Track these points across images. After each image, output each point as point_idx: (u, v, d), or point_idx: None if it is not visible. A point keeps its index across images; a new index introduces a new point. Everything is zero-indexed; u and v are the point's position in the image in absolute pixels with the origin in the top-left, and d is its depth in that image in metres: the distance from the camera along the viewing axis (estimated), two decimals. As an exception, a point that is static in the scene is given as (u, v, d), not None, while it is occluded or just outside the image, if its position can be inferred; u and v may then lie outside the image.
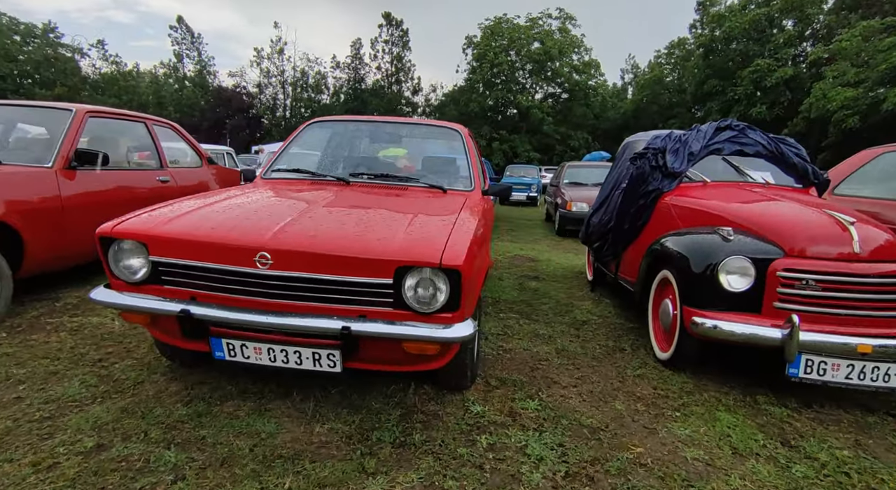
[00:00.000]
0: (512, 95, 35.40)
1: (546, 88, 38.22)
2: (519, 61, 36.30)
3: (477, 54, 35.83)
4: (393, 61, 40.14)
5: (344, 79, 40.33)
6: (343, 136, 3.42)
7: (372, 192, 2.63)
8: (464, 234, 1.94)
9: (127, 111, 4.13)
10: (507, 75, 35.50)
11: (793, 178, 3.47)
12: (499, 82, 35.73)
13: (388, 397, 2.20)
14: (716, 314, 2.37)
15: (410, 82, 41.31)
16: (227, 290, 1.79)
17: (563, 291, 4.44)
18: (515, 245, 7.29)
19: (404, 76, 41.07)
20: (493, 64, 34.76)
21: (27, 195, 2.85)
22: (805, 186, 3.45)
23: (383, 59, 40.09)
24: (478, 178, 2.98)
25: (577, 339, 3.19)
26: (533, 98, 36.53)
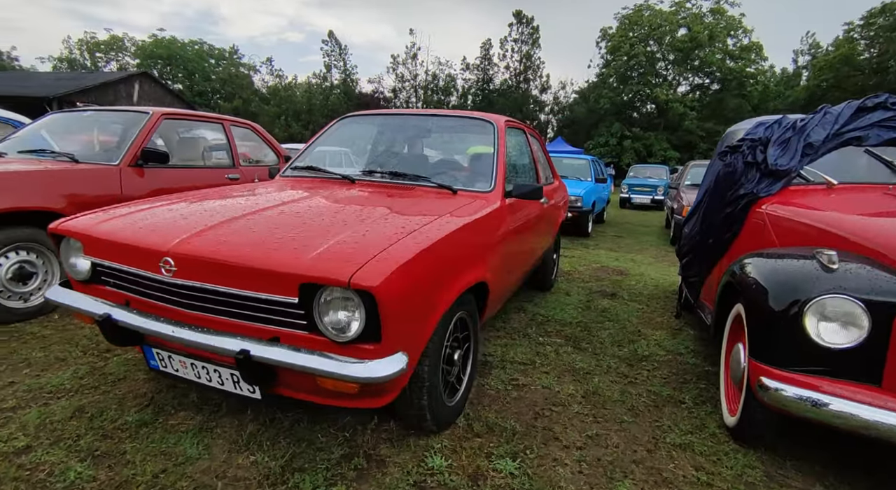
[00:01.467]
0: (649, 89, 32.38)
1: (692, 79, 34.29)
2: (660, 51, 33.06)
3: (611, 47, 33.46)
4: (522, 60, 39.50)
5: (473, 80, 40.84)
6: (372, 131, 3.20)
7: (365, 193, 2.34)
8: (409, 247, 1.55)
9: (205, 113, 4.43)
10: (644, 67, 32.58)
11: None
12: (635, 76, 32.96)
13: (338, 431, 1.90)
14: (797, 378, 1.63)
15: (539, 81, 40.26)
16: (146, 296, 1.66)
17: (637, 315, 3.69)
18: (612, 254, 6.44)
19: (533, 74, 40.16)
20: (630, 56, 32.15)
21: (87, 190, 3.13)
22: None
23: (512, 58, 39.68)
24: (500, 178, 2.51)
25: (622, 379, 2.54)
26: (674, 91, 33.00)
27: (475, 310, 2.14)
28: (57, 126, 3.98)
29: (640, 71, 32.63)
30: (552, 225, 3.79)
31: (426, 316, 1.62)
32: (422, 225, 1.77)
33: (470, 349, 2.16)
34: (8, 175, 2.82)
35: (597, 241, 7.71)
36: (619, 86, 33.28)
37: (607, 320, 3.52)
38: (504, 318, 3.43)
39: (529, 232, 3.03)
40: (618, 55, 32.82)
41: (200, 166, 4.17)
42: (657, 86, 32.33)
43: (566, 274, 5.03)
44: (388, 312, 1.40)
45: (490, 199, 2.40)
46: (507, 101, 37.26)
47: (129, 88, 24.74)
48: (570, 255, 6.15)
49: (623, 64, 32.59)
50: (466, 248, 1.93)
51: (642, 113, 34.27)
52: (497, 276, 2.32)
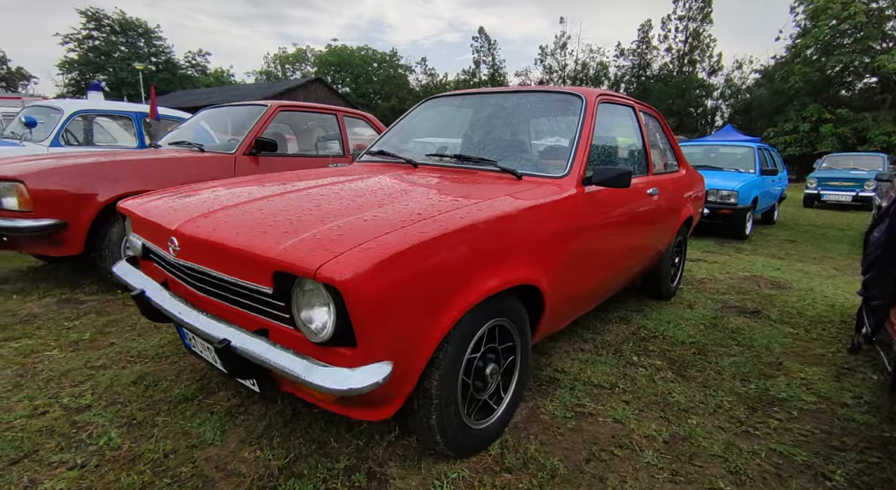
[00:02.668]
0: (868, 58, 25.95)
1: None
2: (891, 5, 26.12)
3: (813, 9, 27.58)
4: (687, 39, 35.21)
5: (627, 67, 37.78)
6: (452, 112, 2.95)
7: (415, 178, 2.12)
8: (406, 237, 1.29)
9: (319, 105, 4.66)
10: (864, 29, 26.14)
11: None
12: (846, 43, 26.75)
13: (353, 438, 1.73)
14: None
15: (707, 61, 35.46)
16: (169, 274, 1.68)
17: (784, 342, 2.84)
18: (773, 262, 5.23)
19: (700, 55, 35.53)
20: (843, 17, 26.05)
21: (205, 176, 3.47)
22: None
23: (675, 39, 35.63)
24: (579, 162, 2.08)
25: (734, 426, 1.91)
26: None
27: (524, 319, 1.79)
28: (211, 120, 4.55)
29: (858, 35, 26.27)
30: (670, 221, 3.12)
31: (429, 319, 1.34)
32: (443, 212, 1.49)
33: (516, 364, 1.81)
34: (131, 163, 3.25)
35: (756, 245, 6.37)
36: (821, 58, 27.38)
37: (735, 344, 2.77)
38: (598, 327, 2.93)
39: (629, 229, 2.50)
40: (822, 19, 26.91)
41: (312, 155, 4.41)
42: (884, 52, 25.70)
43: (698, 282, 4.18)
44: (361, 313, 1.17)
45: (562, 185, 2.00)
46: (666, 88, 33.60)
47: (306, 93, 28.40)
48: (710, 261, 5.15)
49: (829, 29, 26.64)
50: (505, 241, 1.59)
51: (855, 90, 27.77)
52: (560, 280, 1.91)
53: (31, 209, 2.77)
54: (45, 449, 1.60)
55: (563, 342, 2.67)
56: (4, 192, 2.81)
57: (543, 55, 39.97)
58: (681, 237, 3.50)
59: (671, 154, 3.39)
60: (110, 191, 3.02)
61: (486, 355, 1.67)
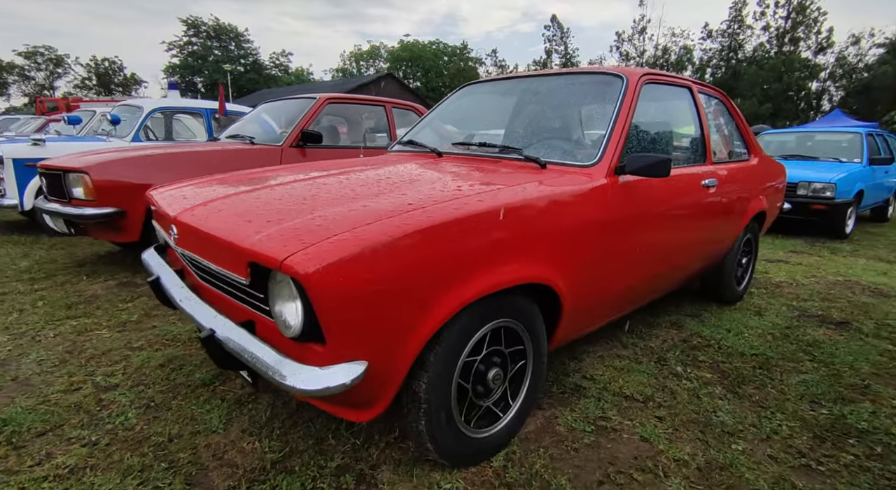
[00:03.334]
0: None
1: None
2: None
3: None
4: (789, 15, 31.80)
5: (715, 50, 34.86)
6: (486, 98, 2.78)
7: (433, 167, 2.00)
8: (386, 228, 1.20)
9: (367, 96, 4.67)
10: None
11: None
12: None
13: (351, 436, 1.67)
14: None
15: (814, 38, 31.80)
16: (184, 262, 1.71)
17: (876, 360, 2.41)
18: (876, 266, 4.52)
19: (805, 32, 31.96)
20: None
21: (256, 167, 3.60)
22: None
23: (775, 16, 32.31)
24: (613, 149, 1.86)
25: (793, 458, 1.63)
26: None
27: (536, 321, 1.63)
28: (271, 113, 4.71)
29: None
30: (734, 216, 2.76)
31: (413, 317, 1.24)
32: (440, 202, 1.37)
33: (527, 370, 1.66)
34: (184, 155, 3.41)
35: (858, 245, 5.57)
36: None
37: (809, 360, 2.39)
38: (642, 332, 2.66)
39: (676, 223, 2.23)
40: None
41: (360, 146, 4.43)
42: None
43: (773, 285, 3.70)
44: (328, 308, 1.09)
45: (591, 174, 1.80)
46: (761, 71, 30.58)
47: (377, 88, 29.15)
48: (794, 262, 4.56)
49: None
50: (511, 236, 1.44)
51: None
52: (584, 279, 1.72)
53: (94, 198, 3.01)
54: (69, 424, 1.70)
55: (598, 345, 2.45)
56: (74, 182, 3.07)
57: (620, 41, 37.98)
58: (750, 234, 3.10)
59: (740, 141, 3.00)
60: (163, 181, 3.20)
61: (491, 358, 1.53)
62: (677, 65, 35.04)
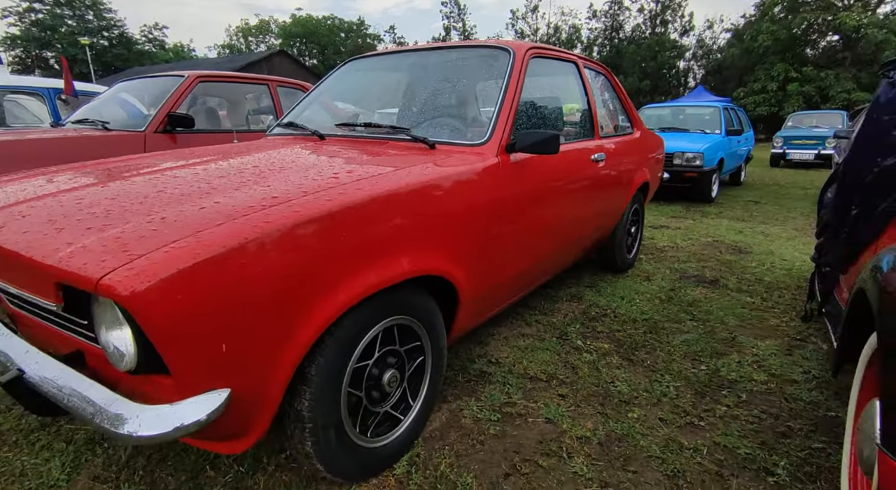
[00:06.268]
0: (831, 15, 25.90)
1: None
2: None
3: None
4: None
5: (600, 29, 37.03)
6: (373, 74, 2.60)
7: (320, 151, 1.80)
8: (242, 229, 1.00)
9: (246, 74, 4.23)
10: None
11: None
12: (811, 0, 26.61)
13: (234, 464, 1.47)
14: None
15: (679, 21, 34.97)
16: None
17: (740, 313, 2.67)
18: (737, 225, 5.08)
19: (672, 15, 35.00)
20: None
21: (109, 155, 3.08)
22: None
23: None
24: (502, 127, 1.78)
25: (678, 418, 1.72)
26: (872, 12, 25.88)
27: (434, 315, 1.53)
28: (134, 93, 4.05)
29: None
30: (622, 189, 2.87)
31: (282, 329, 1.06)
32: (310, 193, 1.19)
33: (426, 366, 1.56)
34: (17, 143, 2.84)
35: (722, 208, 6.24)
36: (788, 16, 27.22)
37: (690, 319, 2.58)
38: (545, 307, 2.71)
39: (569, 199, 2.24)
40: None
41: (243, 130, 4.00)
42: (846, 9, 25.69)
43: (658, 251, 3.99)
44: (165, 334, 0.89)
45: (482, 153, 1.71)
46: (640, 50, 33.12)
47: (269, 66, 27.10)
48: (675, 227, 4.97)
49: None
50: (395, 226, 1.30)
51: (819, 48, 27.80)
52: (481, 265, 1.65)
53: None
54: None
55: (503, 327, 2.44)
56: None
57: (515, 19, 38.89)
58: (636, 204, 3.27)
59: (623, 115, 3.12)
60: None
61: (385, 360, 1.41)
62: (568, 43, 36.73)
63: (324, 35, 47.88)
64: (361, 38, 49.67)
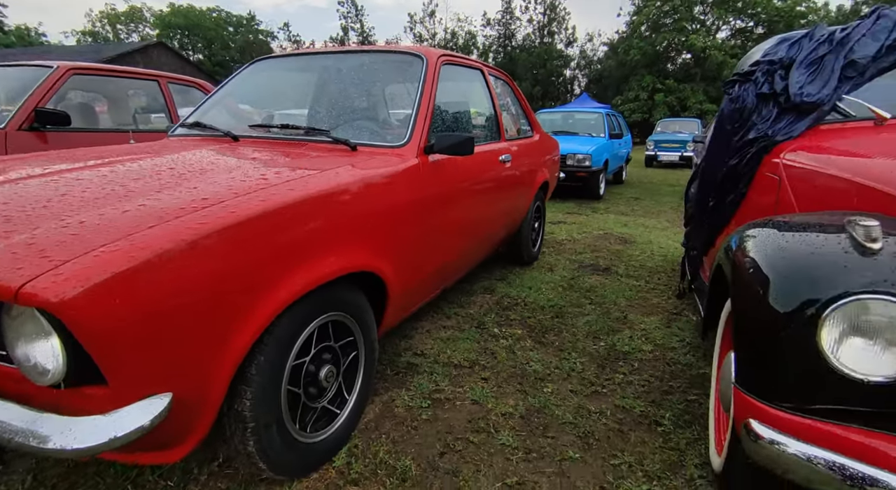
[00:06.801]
0: (684, 37, 29.81)
1: (733, 23, 31.38)
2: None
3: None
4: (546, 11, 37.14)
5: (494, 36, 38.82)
6: (283, 75, 2.57)
7: (236, 153, 1.77)
8: (177, 231, 0.99)
9: (133, 69, 3.89)
10: (679, 12, 29.95)
11: None
12: (669, 22, 30.39)
13: (160, 480, 1.41)
14: (813, 426, 1.02)
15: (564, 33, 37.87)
16: None
17: (629, 295, 3.05)
18: (622, 219, 5.70)
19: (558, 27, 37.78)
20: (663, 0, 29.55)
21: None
22: None
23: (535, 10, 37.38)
24: (420, 129, 1.89)
25: (585, 388, 1.95)
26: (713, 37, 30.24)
27: (365, 310, 1.59)
28: None
29: (675, 16, 30.05)
30: (526, 187, 3.13)
31: (221, 330, 1.07)
32: (241, 195, 1.19)
33: (359, 360, 1.62)
34: None
35: (609, 204, 6.94)
36: (651, 34, 30.78)
37: (589, 303, 2.90)
38: (462, 300, 2.87)
39: (481, 198, 2.41)
40: (650, 1, 30.26)
41: (130, 129, 3.67)
42: (694, 32, 29.73)
43: (557, 244, 4.38)
44: (102, 342, 0.86)
45: (402, 155, 1.80)
46: (530, 57, 35.30)
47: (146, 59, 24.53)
48: (571, 222, 5.45)
49: (656, 10, 30.08)
50: (327, 225, 1.35)
51: (677, 64, 31.80)
52: (406, 261, 1.74)
53: None
54: None
55: (425, 321, 2.55)
56: None
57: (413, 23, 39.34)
58: (539, 202, 3.57)
59: (524, 119, 3.39)
60: None
61: (321, 356, 1.44)
62: (465, 48, 37.99)
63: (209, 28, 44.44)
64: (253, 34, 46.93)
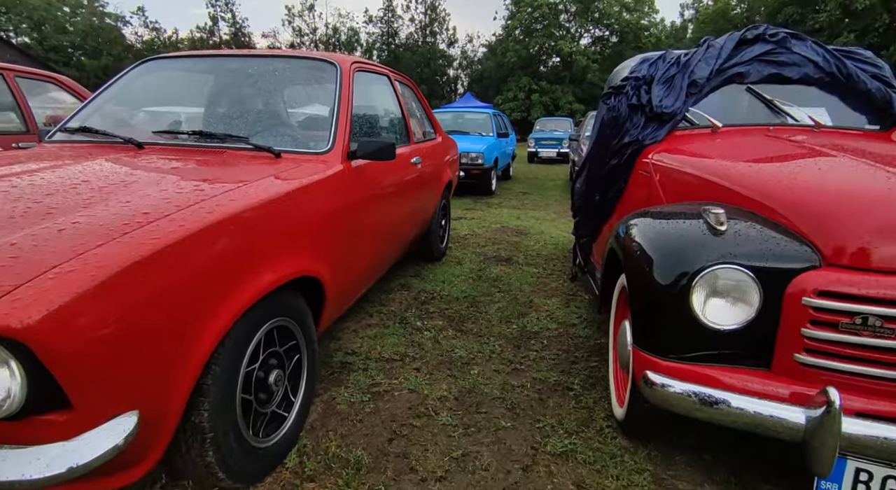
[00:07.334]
0: (553, 42, 32.51)
1: (593, 32, 34.92)
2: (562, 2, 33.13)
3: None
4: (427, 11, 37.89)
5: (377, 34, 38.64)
6: (182, 77, 2.45)
7: (149, 162, 1.68)
8: (133, 247, 0.98)
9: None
10: (548, 19, 32.56)
11: (865, 114, 2.20)
12: (539, 28, 32.88)
13: None
14: (686, 369, 1.32)
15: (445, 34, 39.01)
16: None
17: (531, 281, 3.39)
18: (515, 212, 6.18)
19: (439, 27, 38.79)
20: (533, 6, 31.90)
21: None
22: (885, 128, 2.18)
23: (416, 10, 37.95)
24: (342, 135, 1.96)
25: (506, 367, 2.19)
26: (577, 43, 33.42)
27: (305, 313, 1.63)
28: None
29: (544, 23, 32.60)
30: (434, 187, 3.32)
31: (182, 343, 1.08)
32: (184, 207, 1.19)
33: (303, 363, 1.66)
34: None
35: (501, 199, 7.45)
36: (525, 38, 33.06)
37: (498, 291, 3.18)
38: (382, 299, 2.97)
39: (398, 200, 2.53)
40: (522, 6, 32.44)
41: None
42: (561, 38, 32.53)
43: (462, 239, 4.65)
44: (70, 365, 0.85)
45: (327, 161, 1.86)
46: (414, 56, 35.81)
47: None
48: (470, 217, 5.79)
49: (527, 15, 32.33)
50: (273, 233, 1.39)
51: (548, 66, 34.51)
52: (340, 263, 1.81)
53: None
54: None
55: (349, 321, 2.61)
56: None
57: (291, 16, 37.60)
58: (444, 200, 3.78)
59: (427, 122, 3.56)
60: None
61: (268, 362, 1.47)
62: (348, 45, 37.29)
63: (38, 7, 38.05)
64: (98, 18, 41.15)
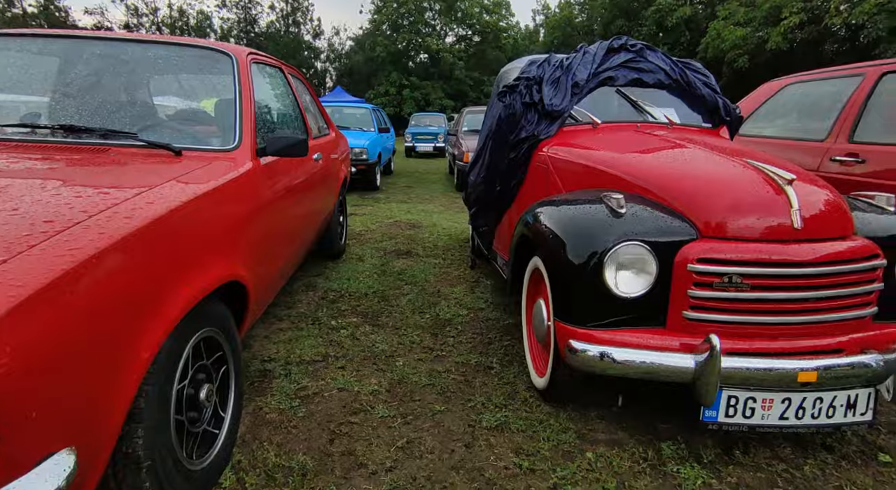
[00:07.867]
0: (420, 38, 33.13)
1: (457, 30, 36.26)
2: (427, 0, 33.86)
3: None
4: (288, 0, 35.83)
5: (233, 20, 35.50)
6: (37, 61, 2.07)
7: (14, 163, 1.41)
8: (46, 261, 0.85)
9: None
10: (414, 16, 33.07)
11: (700, 114, 2.68)
12: (406, 24, 33.22)
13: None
14: (604, 335, 1.52)
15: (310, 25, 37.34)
16: None
17: (435, 272, 3.51)
18: (404, 206, 6.26)
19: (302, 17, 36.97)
20: (399, 2, 32.12)
21: None
22: (715, 125, 2.68)
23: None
24: (248, 130, 1.84)
25: (428, 355, 2.27)
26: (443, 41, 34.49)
27: (229, 320, 1.53)
28: None
29: (411, 19, 33.02)
30: (333, 183, 3.25)
31: (117, 363, 0.96)
32: (94, 214, 1.04)
33: (230, 374, 1.56)
34: None
35: (387, 193, 7.47)
36: (393, 34, 33.13)
37: (405, 284, 3.24)
38: (289, 301, 2.84)
39: (304, 197, 2.44)
40: (388, 1, 32.46)
41: None
42: (428, 35, 33.27)
43: (357, 235, 4.60)
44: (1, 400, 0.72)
45: (236, 159, 1.73)
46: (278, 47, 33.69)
47: None
48: (360, 214, 5.73)
49: (394, 11, 32.45)
50: (195, 238, 1.28)
51: (417, 62, 35.06)
52: (258, 266, 1.72)
53: None
54: None
55: (259, 328, 2.46)
56: None
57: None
58: (342, 197, 3.71)
59: (321, 118, 3.46)
60: None
61: (196, 376, 1.36)
62: (198, 30, 33.65)
63: None
64: None
